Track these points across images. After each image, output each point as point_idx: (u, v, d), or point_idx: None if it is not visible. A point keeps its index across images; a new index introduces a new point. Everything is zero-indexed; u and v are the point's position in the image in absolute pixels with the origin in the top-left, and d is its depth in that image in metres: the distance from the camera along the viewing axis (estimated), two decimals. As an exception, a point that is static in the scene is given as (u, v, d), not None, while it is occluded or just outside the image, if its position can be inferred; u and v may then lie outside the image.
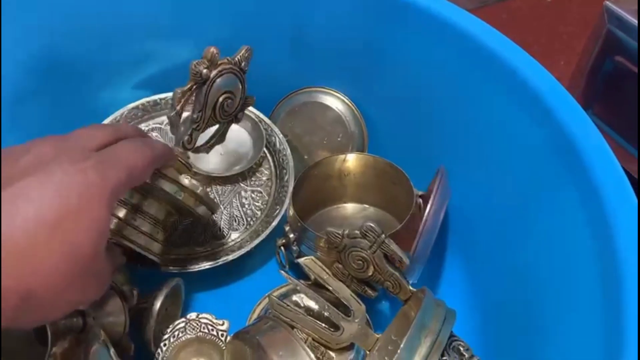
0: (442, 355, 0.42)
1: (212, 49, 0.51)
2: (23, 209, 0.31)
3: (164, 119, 0.69)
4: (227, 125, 0.59)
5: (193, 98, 0.53)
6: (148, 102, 0.70)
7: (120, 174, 0.37)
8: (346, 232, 0.51)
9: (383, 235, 0.50)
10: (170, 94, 0.69)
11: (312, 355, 0.42)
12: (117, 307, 0.53)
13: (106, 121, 0.68)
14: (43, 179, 0.33)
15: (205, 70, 0.51)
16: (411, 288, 0.51)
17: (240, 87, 0.57)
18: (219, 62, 0.52)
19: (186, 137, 0.54)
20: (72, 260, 0.32)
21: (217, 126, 0.58)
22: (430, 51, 0.60)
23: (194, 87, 0.52)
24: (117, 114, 0.68)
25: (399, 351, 0.41)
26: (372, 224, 0.50)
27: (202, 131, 0.56)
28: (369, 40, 0.65)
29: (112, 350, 0.45)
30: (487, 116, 0.57)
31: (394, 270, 0.51)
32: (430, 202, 0.54)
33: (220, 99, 0.54)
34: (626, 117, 0.67)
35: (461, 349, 0.43)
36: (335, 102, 0.72)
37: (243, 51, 0.55)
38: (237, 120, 0.60)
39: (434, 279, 0.63)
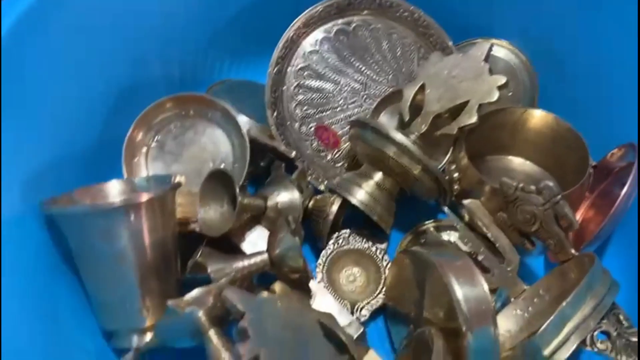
0: (602, 319, 0.45)
1: None
2: None
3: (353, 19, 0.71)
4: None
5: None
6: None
7: None
8: (521, 185, 0.54)
9: (559, 197, 0.51)
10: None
11: (487, 289, 0.46)
12: (295, 198, 0.59)
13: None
14: None
15: None
16: (573, 251, 0.53)
17: None
18: None
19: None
20: None
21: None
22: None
23: None
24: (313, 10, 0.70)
25: (564, 303, 0.44)
26: (551, 183, 0.52)
27: None
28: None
29: (297, 238, 0.51)
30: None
31: (560, 231, 0.53)
32: (628, 183, 0.54)
33: None
34: None
35: (621, 317, 0.45)
36: (507, 54, 0.73)
37: None
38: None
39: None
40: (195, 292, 0.47)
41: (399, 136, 0.58)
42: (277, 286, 0.52)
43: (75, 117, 0.61)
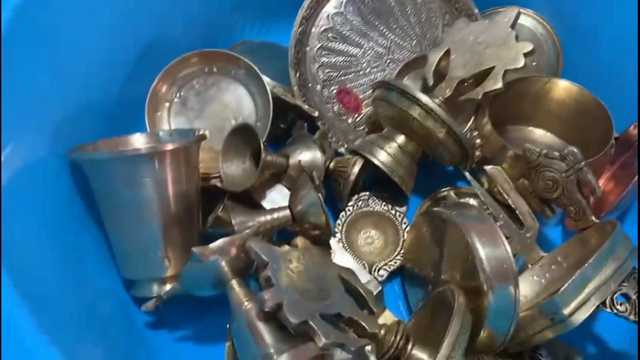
0: (623, 281, 0.45)
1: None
2: None
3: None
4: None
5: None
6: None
7: None
8: (544, 151, 0.53)
9: (583, 163, 0.51)
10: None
11: (510, 250, 0.46)
12: (317, 157, 0.60)
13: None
14: None
15: None
16: (593, 218, 0.53)
17: None
18: None
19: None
20: None
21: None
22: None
23: None
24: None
25: (586, 265, 0.44)
26: (575, 149, 0.52)
27: None
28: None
29: (320, 195, 0.52)
30: None
31: (581, 198, 0.53)
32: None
33: None
34: None
35: (642, 282, 0.46)
36: (534, 23, 0.72)
37: None
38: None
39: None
40: (219, 242, 0.47)
41: (424, 98, 0.57)
42: (299, 241, 0.52)
43: (99, 71, 0.61)
